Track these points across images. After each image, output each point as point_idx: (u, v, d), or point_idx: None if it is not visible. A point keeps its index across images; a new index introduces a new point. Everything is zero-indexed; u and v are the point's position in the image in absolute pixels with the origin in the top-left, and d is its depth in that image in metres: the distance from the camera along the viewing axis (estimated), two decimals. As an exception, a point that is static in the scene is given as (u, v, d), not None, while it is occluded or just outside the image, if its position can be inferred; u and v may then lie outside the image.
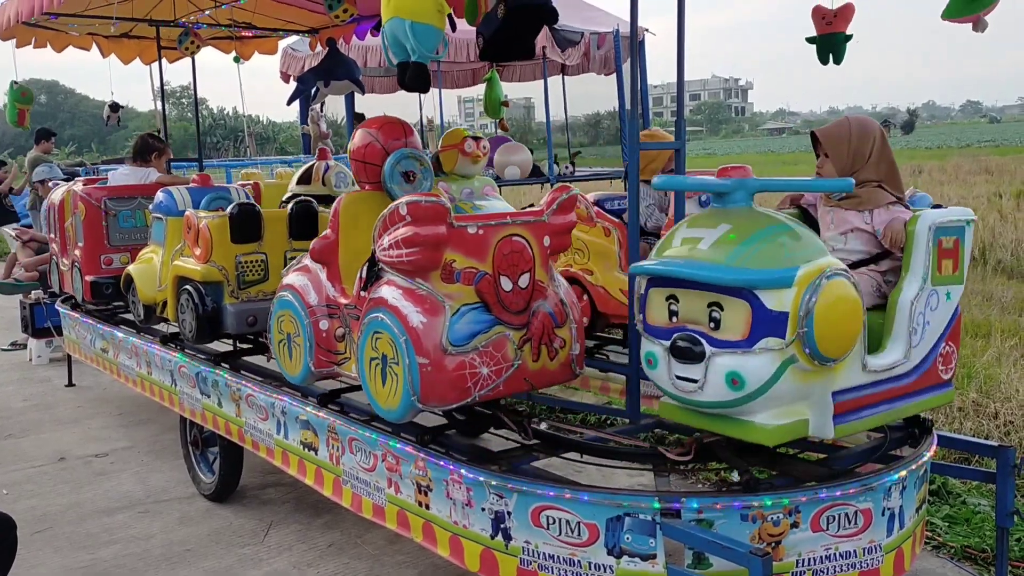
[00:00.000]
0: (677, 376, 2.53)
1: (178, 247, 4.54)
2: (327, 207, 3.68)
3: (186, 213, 4.49)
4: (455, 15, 5.56)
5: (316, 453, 3.51)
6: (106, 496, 4.65)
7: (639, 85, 3.76)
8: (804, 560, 2.50)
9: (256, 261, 4.31)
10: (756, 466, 3.88)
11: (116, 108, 8.71)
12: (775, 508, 2.46)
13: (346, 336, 3.33)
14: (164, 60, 6.74)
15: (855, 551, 2.55)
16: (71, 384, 6.89)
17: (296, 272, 3.57)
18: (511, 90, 10.23)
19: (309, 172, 4.98)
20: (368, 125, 3.57)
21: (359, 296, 3.14)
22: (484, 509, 2.71)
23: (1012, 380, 5.27)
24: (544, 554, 2.60)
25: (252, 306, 4.26)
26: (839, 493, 2.51)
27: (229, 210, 4.29)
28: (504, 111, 9.72)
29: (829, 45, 3.76)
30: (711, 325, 2.46)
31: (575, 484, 2.68)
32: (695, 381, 2.49)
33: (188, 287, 4.35)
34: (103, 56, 7.05)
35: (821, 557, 2.52)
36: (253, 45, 7.43)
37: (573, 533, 2.55)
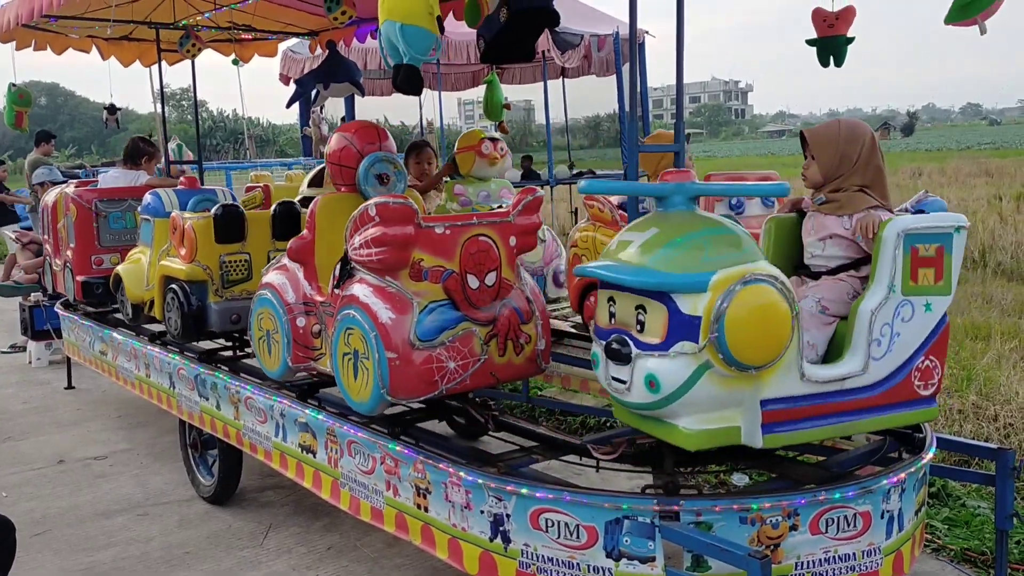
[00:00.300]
0: (612, 377, 2.58)
1: (165, 247, 4.65)
2: None
3: (172, 214, 4.59)
4: (456, 17, 5.58)
5: (315, 456, 3.50)
6: (105, 499, 4.65)
7: (639, 87, 3.77)
8: (803, 563, 2.50)
9: (240, 261, 4.43)
10: (755, 469, 3.89)
11: (114, 110, 8.73)
12: (774, 511, 2.46)
13: (322, 332, 3.44)
14: (164, 62, 6.75)
15: (854, 554, 2.54)
16: (70, 387, 6.88)
17: (275, 271, 3.68)
18: (511, 92, 10.23)
19: (321, 174, 5.00)
20: (344, 129, 3.72)
21: (333, 294, 3.26)
22: (483, 512, 2.71)
23: (1012, 383, 5.26)
24: (543, 557, 2.59)
25: (236, 304, 4.38)
26: (838, 496, 2.51)
27: (213, 211, 4.40)
28: (505, 114, 9.71)
29: (830, 47, 3.76)
30: (637, 327, 2.51)
31: (574, 487, 2.67)
32: (624, 382, 2.54)
33: (174, 286, 4.45)
34: (103, 58, 7.05)
35: (820, 560, 2.51)
36: (253, 48, 7.44)
37: (572, 536, 2.54)
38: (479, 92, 10.30)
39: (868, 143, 2.87)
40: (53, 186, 7.01)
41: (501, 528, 2.67)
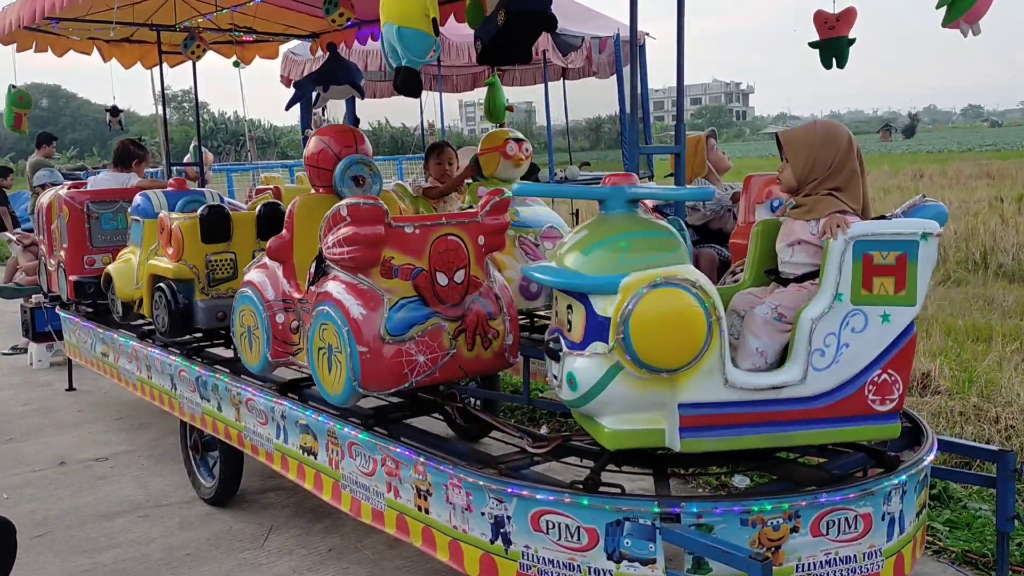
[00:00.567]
0: (551, 374, 2.66)
1: (153, 247, 4.78)
2: None
3: (159, 215, 4.71)
4: (457, 19, 5.59)
5: (316, 457, 3.50)
6: (106, 500, 4.65)
7: (639, 89, 3.77)
8: (804, 565, 2.50)
9: (225, 260, 4.55)
10: (757, 471, 3.89)
11: (116, 112, 8.74)
12: (775, 513, 2.45)
13: (300, 328, 3.55)
14: (165, 64, 6.75)
15: (855, 556, 2.54)
16: (71, 388, 6.89)
17: (256, 269, 3.81)
18: (511, 94, 10.19)
19: None
20: (322, 133, 3.85)
21: (309, 291, 3.38)
22: (484, 513, 2.71)
23: (1013, 384, 5.26)
24: (544, 559, 2.59)
25: (221, 302, 4.47)
26: (839, 498, 2.50)
27: (199, 212, 4.52)
28: (507, 115, 9.71)
29: (832, 49, 3.77)
30: (568, 327, 2.58)
31: (575, 489, 2.67)
32: (556, 379, 2.62)
33: (162, 284, 4.58)
34: (104, 60, 7.07)
35: (821, 562, 2.51)
36: (254, 50, 7.46)
37: (573, 538, 2.54)
38: (480, 94, 10.29)
39: (845, 147, 2.73)
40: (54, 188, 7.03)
41: (502, 530, 2.67)
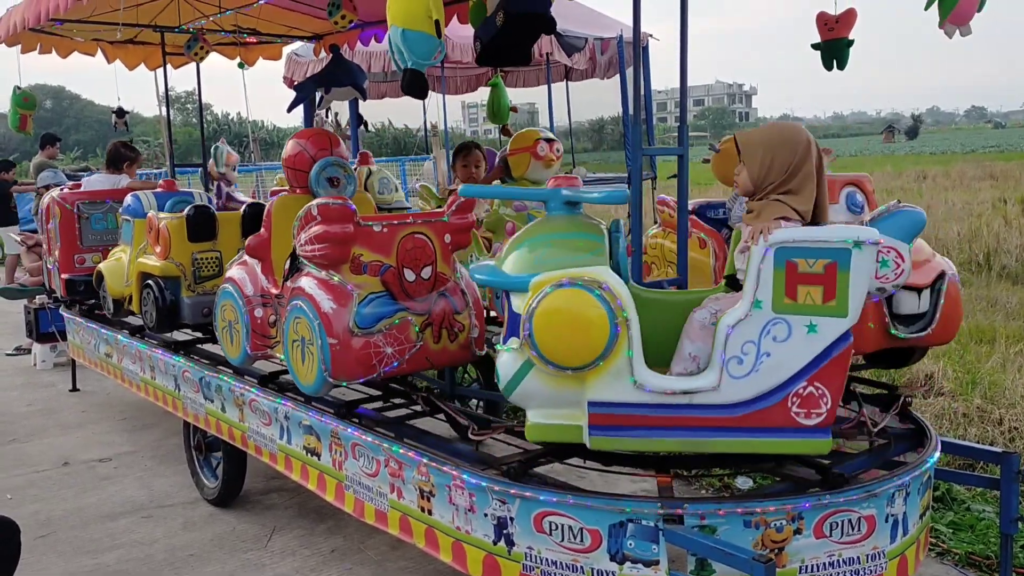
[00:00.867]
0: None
1: (142, 246, 4.94)
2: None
3: (148, 215, 4.86)
4: (459, 20, 5.59)
5: (319, 458, 3.51)
6: (110, 501, 4.66)
7: (642, 90, 3.77)
8: (807, 566, 2.50)
9: (211, 258, 4.72)
10: (759, 472, 3.89)
11: (122, 114, 8.75)
12: (778, 514, 2.45)
13: (277, 322, 3.69)
14: (169, 66, 6.77)
15: (858, 558, 2.54)
16: (75, 389, 6.90)
17: (236, 266, 3.98)
18: (514, 95, 10.17)
19: None
20: (299, 136, 4.03)
21: (285, 286, 3.52)
22: (487, 515, 2.71)
23: (1017, 386, 5.25)
24: (547, 560, 2.59)
25: (207, 299, 4.60)
26: (842, 499, 2.50)
27: (186, 212, 4.69)
28: (511, 117, 9.69)
29: (833, 51, 3.77)
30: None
31: (578, 490, 2.68)
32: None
33: (150, 282, 4.76)
34: (108, 62, 7.07)
35: (824, 564, 2.51)
36: (257, 51, 7.45)
37: (576, 539, 2.54)
38: (483, 95, 10.29)
39: (803, 151, 2.61)
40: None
41: (505, 531, 2.67)
